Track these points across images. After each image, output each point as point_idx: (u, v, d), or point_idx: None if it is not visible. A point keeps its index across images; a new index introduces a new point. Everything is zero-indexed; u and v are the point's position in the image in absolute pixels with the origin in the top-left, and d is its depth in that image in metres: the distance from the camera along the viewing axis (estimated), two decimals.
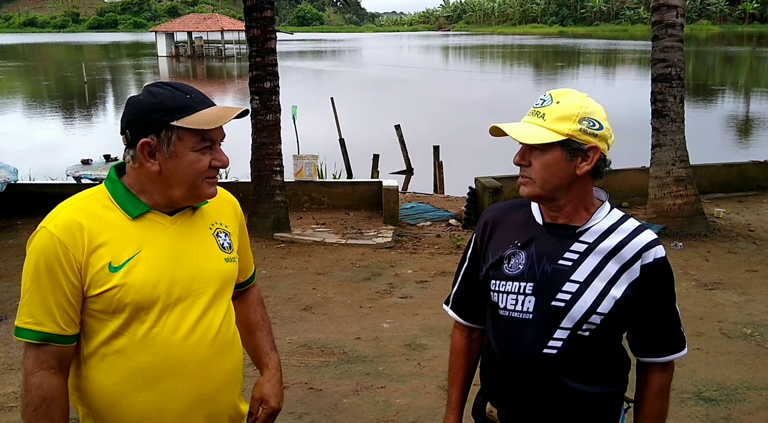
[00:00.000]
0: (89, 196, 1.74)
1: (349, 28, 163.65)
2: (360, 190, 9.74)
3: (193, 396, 1.73)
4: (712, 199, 9.97)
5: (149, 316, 1.67)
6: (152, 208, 1.73)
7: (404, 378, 4.48)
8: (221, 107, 1.72)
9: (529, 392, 1.77)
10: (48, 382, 1.65)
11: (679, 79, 8.35)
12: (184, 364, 1.71)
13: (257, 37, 8.28)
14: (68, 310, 1.65)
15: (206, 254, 1.79)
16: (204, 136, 1.67)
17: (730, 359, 4.78)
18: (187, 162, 1.68)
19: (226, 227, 1.88)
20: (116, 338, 1.68)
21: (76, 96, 31.38)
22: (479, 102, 27.07)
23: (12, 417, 3.99)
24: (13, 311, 5.76)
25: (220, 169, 1.76)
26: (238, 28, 54.36)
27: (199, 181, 1.71)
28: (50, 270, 1.63)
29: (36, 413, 1.64)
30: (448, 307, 2.05)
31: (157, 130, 1.65)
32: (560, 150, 1.70)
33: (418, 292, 6.37)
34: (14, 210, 8.84)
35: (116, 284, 1.64)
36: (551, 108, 1.71)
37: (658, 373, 1.84)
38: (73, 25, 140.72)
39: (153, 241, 1.71)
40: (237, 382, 1.88)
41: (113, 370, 1.68)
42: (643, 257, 1.74)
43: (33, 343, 1.65)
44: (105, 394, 1.70)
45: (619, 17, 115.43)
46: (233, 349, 1.86)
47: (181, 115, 1.65)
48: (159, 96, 1.66)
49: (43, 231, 1.66)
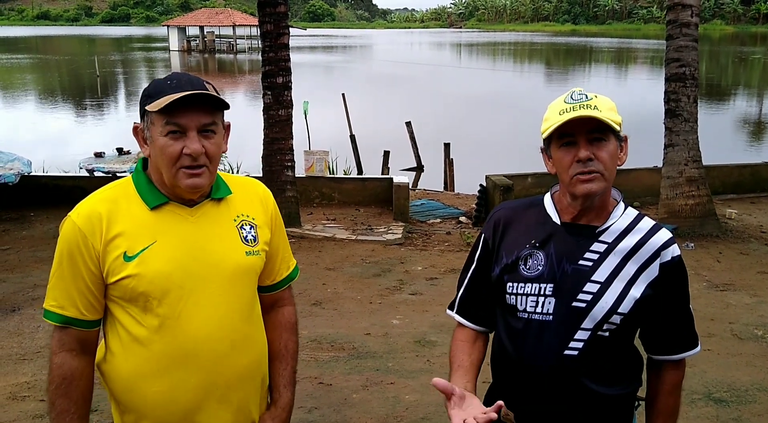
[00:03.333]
0: (115, 186, 1.77)
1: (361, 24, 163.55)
2: (370, 186, 9.75)
3: (204, 388, 1.72)
4: (725, 200, 9.91)
5: (163, 307, 1.68)
6: (171, 199, 1.73)
7: (414, 374, 4.49)
8: (185, 92, 1.63)
9: (549, 395, 1.75)
10: (69, 362, 1.71)
11: (693, 78, 8.31)
12: (196, 355, 1.70)
13: (270, 32, 8.29)
14: (88, 296, 1.70)
15: (225, 246, 1.76)
16: (169, 120, 1.63)
17: (740, 360, 4.76)
18: (159, 147, 1.66)
19: (253, 220, 1.83)
20: (134, 326, 1.70)
21: (88, 89, 31.55)
22: (491, 99, 27.03)
23: (25, 406, 4.03)
24: (25, 302, 5.82)
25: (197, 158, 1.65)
26: (249, 23, 54.50)
27: (173, 170, 1.66)
28: (71, 257, 1.68)
29: (56, 391, 1.70)
30: (453, 312, 1.97)
31: (142, 115, 1.70)
32: (615, 140, 1.70)
33: (427, 289, 6.37)
34: (27, 202, 8.91)
35: (130, 273, 1.66)
36: (598, 101, 1.69)
37: (672, 370, 1.84)
38: (85, 18, 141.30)
39: (169, 232, 1.71)
40: (253, 379, 1.84)
41: (130, 357, 1.71)
42: (661, 256, 1.74)
43: (57, 325, 1.72)
44: (122, 380, 1.72)
45: (632, 16, 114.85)
46: (253, 345, 1.83)
47: (152, 100, 1.65)
48: (151, 83, 1.70)
49: (68, 220, 1.71)
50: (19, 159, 8.68)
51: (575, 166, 1.68)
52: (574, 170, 1.68)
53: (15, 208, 8.80)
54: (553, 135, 1.71)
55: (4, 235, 7.95)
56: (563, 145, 1.70)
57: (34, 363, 4.64)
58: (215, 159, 1.71)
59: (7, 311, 5.63)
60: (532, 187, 9.54)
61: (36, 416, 3.91)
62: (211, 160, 1.69)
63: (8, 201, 8.71)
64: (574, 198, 1.73)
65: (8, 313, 5.60)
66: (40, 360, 4.69)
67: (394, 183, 9.13)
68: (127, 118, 23.39)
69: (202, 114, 1.66)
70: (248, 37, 59.81)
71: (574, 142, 1.69)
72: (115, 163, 8.20)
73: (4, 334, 5.15)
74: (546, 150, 1.78)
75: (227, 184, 1.83)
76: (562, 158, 1.71)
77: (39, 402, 4.08)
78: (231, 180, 1.86)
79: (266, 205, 1.89)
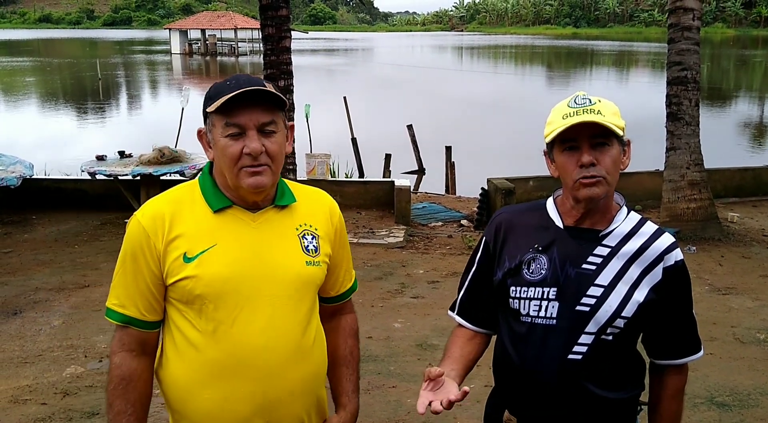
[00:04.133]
0: (183, 187, 1.77)
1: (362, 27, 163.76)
2: (372, 189, 9.75)
3: (256, 400, 1.68)
4: (727, 204, 9.90)
5: (218, 312, 1.66)
6: (235, 203, 1.72)
7: (415, 378, 4.49)
8: (242, 90, 1.62)
9: (552, 399, 1.74)
10: (128, 363, 1.69)
11: (695, 82, 8.30)
12: (249, 365, 1.67)
13: (272, 35, 8.29)
14: (149, 296, 1.69)
15: (286, 255, 1.73)
16: (228, 121, 1.63)
17: (743, 364, 4.75)
18: (220, 148, 1.66)
19: (316, 230, 1.80)
20: (190, 330, 1.68)
21: (90, 92, 31.59)
22: (492, 102, 27.04)
23: (26, 410, 4.03)
24: (27, 305, 5.82)
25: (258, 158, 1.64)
26: (251, 26, 54.54)
27: (235, 170, 1.65)
28: (135, 257, 1.68)
29: (114, 391, 1.69)
30: (453, 313, 1.99)
31: (205, 118, 1.70)
32: (618, 144, 1.71)
33: (429, 293, 6.37)
34: (29, 205, 8.92)
35: (188, 275, 1.65)
36: (601, 106, 1.70)
37: (674, 375, 1.84)
38: (87, 21, 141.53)
39: (230, 236, 1.69)
40: (309, 393, 1.79)
41: (185, 363, 1.69)
42: (665, 260, 1.74)
43: (117, 324, 1.71)
44: (176, 385, 1.71)
45: (633, 19, 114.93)
46: (310, 358, 1.77)
47: (212, 102, 1.64)
48: (212, 86, 1.70)
49: (134, 219, 1.71)
50: (21, 162, 8.67)
51: (578, 170, 1.68)
52: (576, 175, 1.69)
53: (17, 211, 8.81)
54: (556, 139, 1.71)
55: (6, 238, 7.96)
56: (566, 150, 1.71)
57: (35, 366, 4.64)
58: (277, 158, 1.68)
59: (8, 314, 5.63)
60: (534, 191, 9.54)
61: (37, 419, 3.91)
62: (273, 159, 1.66)
63: (10, 204, 8.72)
64: (576, 202, 1.74)
65: (10, 316, 5.60)
66: (41, 363, 4.69)
67: (396, 186, 9.13)
68: (128, 122, 23.44)
69: (260, 112, 1.64)
70: (250, 40, 59.89)
71: (577, 146, 1.69)
72: (117, 166, 8.19)
73: (5, 337, 5.15)
74: (549, 153, 1.79)
75: (293, 192, 1.81)
76: (565, 162, 1.71)
77: (40, 405, 4.08)
78: (298, 189, 1.84)
79: (332, 217, 1.86)
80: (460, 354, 1.88)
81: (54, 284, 6.37)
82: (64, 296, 6.07)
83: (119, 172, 8.10)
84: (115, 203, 8.80)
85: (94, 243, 7.76)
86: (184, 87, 12.49)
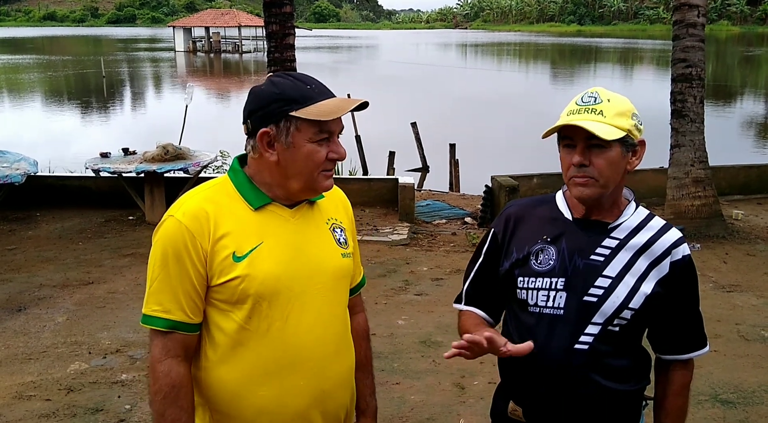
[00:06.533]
0: (214, 185, 1.74)
1: (366, 25, 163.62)
2: (376, 186, 9.74)
3: (312, 393, 1.71)
4: (731, 201, 9.86)
5: (272, 310, 1.66)
6: (273, 199, 1.72)
7: (419, 375, 4.49)
8: (341, 99, 1.68)
9: (558, 389, 1.75)
10: (176, 369, 1.65)
11: (700, 79, 8.27)
12: (304, 359, 1.69)
13: (276, 32, 8.29)
14: (195, 298, 1.66)
15: (324, 249, 1.77)
16: (322, 127, 1.64)
17: (747, 362, 4.74)
18: (305, 153, 1.65)
19: (341, 223, 1.85)
20: (239, 331, 1.66)
21: (94, 90, 31.64)
22: (496, 100, 27.01)
23: (31, 406, 4.04)
24: (31, 302, 5.84)
25: (337, 161, 1.71)
26: (255, 23, 54.62)
27: (315, 174, 1.67)
28: (178, 258, 1.63)
29: (165, 401, 1.64)
30: (459, 305, 2.01)
31: (276, 120, 1.64)
32: (619, 146, 1.70)
33: (433, 290, 6.36)
34: (33, 202, 8.93)
35: (240, 274, 1.63)
36: (606, 105, 1.70)
37: (680, 370, 1.84)
38: (91, 19, 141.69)
39: (274, 233, 1.70)
40: (350, 383, 1.85)
41: (235, 363, 1.67)
42: (672, 254, 1.75)
43: (161, 330, 1.65)
44: (226, 387, 1.69)
45: (638, 17, 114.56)
46: (349, 349, 1.85)
47: (300, 106, 1.63)
48: (280, 86, 1.65)
49: (171, 219, 1.65)
50: (25, 159, 8.70)
51: (572, 169, 1.71)
52: (571, 173, 1.72)
53: (21, 208, 8.82)
54: (558, 133, 1.73)
55: (11, 235, 7.98)
56: (565, 146, 1.74)
57: (39, 362, 4.66)
58: None
59: (13, 311, 5.65)
60: (538, 188, 9.52)
61: (42, 416, 3.92)
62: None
63: (14, 201, 8.73)
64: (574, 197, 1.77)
65: (14, 312, 5.62)
66: (45, 359, 4.70)
67: (400, 183, 9.12)
68: (132, 119, 23.48)
69: (340, 119, 1.69)
70: (254, 37, 59.97)
71: (574, 145, 1.71)
72: (121, 164, 8.20)
73: (10, 334, 5.16)
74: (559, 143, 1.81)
75: None
76: (563, 159, 1.75)
77: (45, 401, 4.09)
78: None
79: (347, 211, 1.93)
80: (480, 321, 1.91)
81: (58, 281, 6.39)
82: (68, 293, 6.08)
83: (123, 169, 8.11)
84: (119, 200, 8.81)
85: (98, 240, 7.78)
86: (188, 84, 12.49)
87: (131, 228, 8.27)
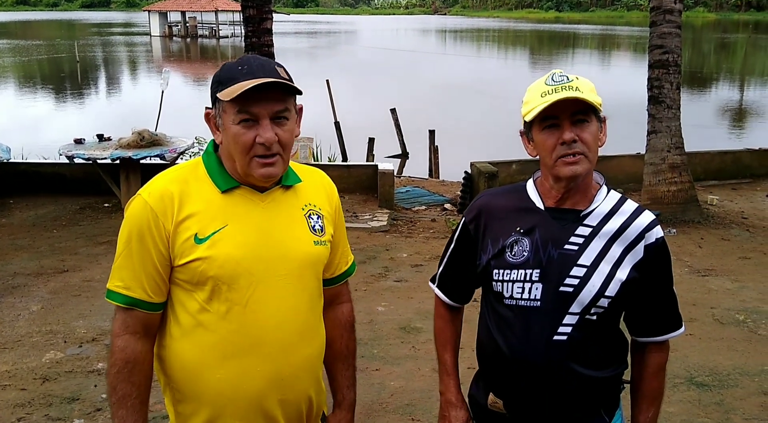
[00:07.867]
0: (185, 167, 1.74)
1: (345, 10, 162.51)
2: (355, 173, 9.71)
3: (269, 378, 1.70)
4: (706, 187, 9.99)
5: (231, 293, 1.65)
6: (242, 183, 1.70)
7: (399, 361, 4.50)
8: (258, 80, 1.59)
9: (538, 381, 1.75)
10: (132, 346, 1.67)
11: (676, 65, 8.34)
12: (264, 344, 1.68)
13: (253, 17, 8.19)
14: (156, 277, 1.66)
15: (295, 235, 1.74)
16: (241, 108, 1.60)
17: (722, 345, 4.81)
18: (231, 135, 1.63)
19: (320, 210, 1.82)
20: (200, 311, 1.67)
21: (68, 75, 31.10)
22: (475, 86, 26.99)
23: (6, 395, 3.98)
24: (5, 291, 5.74)
25: (270, 147, 1.63)
26: (232, 8, 53.85)
27: (247, 158, 1.64)
28: (141, 237, 1.64)
29: (118, 375, 1.66)
30: (434, 285, 2.06)
31: (213, 101, 1.67)
32: (596, 120, 1.71)
33: (412, 276, 6.37)
34: (7, 189, 8.78)
35: (200, 256, 1.63)
36: (579, 82, 1.70)
37: (656, 352, 1.86)
38: (65, 3, 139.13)
39: (241, 217, 1.68)
40: (314, 370, 1.83)
41: (195, 344, 1.68)
42: (646, 237, 1.75)
43: (121, 306, 1.68)
44: (185, 367, 1.69)
45: (615, 3, 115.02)
46: (316, 336, 1.82)
47: (223, 87, 1.61)
48: (223, 68, 1.67)
49: (138, 198, 1.67)
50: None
51: (559, 148, 1.68)
52: (558, 152, 1.69)
53: None
54: (535, 118, 1.70)
55: None
56: (546, 128, 1.71)
57: (14, 352, 4.59)
58: (288, 146, 1.68)
59: None
60: (517, 174, 9.56)
61: (17, 405, 3.87)
62: (284, 147, 1.66)
63: None
64: (557, 181, 1.73)
65: None
66: (20, 349, 4.63)
67: (379, 170, 9.10)
68: (107, 105, 23.13)
69: (274, 101, 1.63)
70: (231, 22, 59.15)
71: (558, 124, 1.69)
72: (96, 150, 8.07)
73: None
74: (526, 133, 1.78)
75: (296, 172, 1.81)
76: (545, 141, 1.71)
77: (20, 391, 4.04)
78: (299, 169, 1.85)
79: (331, 196, 1.90)
80: (453, 363, 2.02)
81: (32, 269, 6.29)
82: (42, 281, 6.00)
83: (98, 155, 7.98)
84: (94, 187, 8.69)
85: (73, 228, 7.67)
86: (164, 69, 12.31)
87: (107, 215, 8.17)
